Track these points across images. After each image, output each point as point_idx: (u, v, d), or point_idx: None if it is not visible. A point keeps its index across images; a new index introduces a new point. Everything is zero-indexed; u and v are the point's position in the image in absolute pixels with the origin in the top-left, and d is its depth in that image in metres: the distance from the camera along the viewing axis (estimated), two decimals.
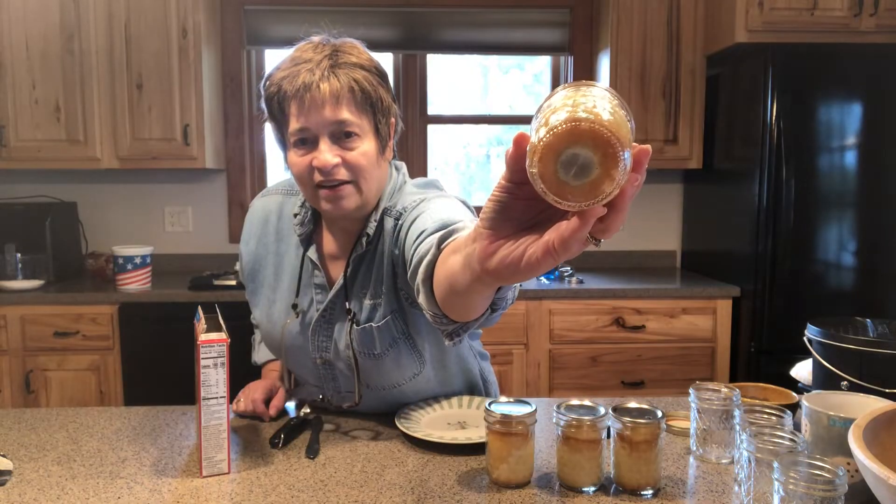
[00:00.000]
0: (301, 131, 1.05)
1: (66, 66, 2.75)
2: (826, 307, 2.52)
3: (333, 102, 1.03)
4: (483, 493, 0.97)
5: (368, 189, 1.09)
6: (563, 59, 3.29)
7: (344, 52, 1.08)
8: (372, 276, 1.15)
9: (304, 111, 1.04)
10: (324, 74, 1.03)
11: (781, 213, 2.49)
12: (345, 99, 1.04)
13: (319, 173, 1.05)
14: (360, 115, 1.06)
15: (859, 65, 2.47)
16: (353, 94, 1.05)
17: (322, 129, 1.04)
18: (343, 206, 1.08)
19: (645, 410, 0.99)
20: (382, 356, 1.17)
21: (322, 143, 1.05)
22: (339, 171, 1.05)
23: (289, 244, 1.23)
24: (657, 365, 2.70)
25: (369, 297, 1.15)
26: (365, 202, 1.10)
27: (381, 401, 1.26)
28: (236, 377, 1.16)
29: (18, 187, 3.11)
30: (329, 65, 1.05)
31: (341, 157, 1.05)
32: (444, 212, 0.99)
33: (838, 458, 0.91)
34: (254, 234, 1.28)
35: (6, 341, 2.57)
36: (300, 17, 3.10)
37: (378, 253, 1.15)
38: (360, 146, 1.06)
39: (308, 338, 1.21)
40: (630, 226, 3.33)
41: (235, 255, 3.18)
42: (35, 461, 1.08)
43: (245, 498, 0.95)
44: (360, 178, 1.07)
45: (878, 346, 1.12)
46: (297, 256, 1.22)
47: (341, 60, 1.06)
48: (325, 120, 1.04)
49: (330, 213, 1.11)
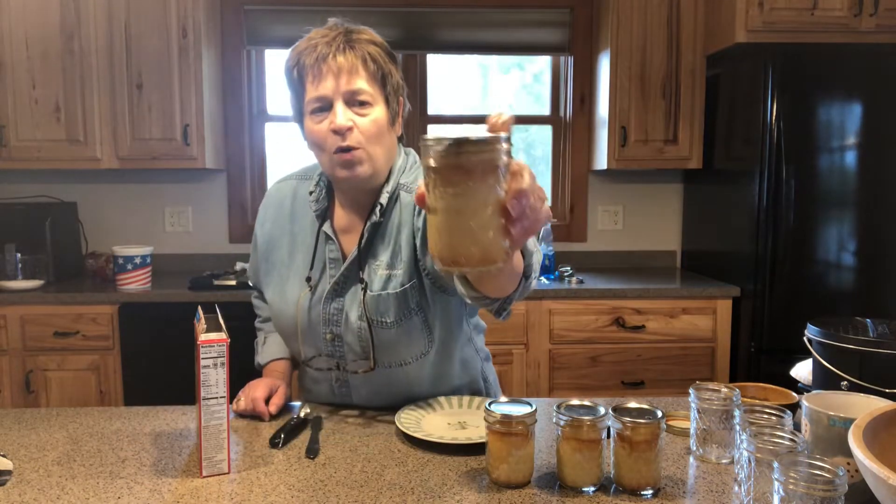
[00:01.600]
0: (318, 99, 1.13)
1: (66, 66, 2.75)
2: (826, 307, 2.52)
3: (348, 72, 1.12)
4: (483, 493, 0.97)
5: (378, 156, 1.16)
6: (563, 59, 3.29)
7: (357, 32, 1.18)
8: (388, 247, 1.20)
9: (322, 80, 1.12)
10: (339, 47, 1.13)
11: (781, 213, 2.49)
12: (359, 69, 1.13)
13: (334, 136, 1.12)
14: (373, 85, 1.15)
15: (859, 65, 2.47)
16: (367, 65, 1.14)
17: (337, 96, 1.12)
18: (357, 172, 1.14)
19: (645, 410, 0.99)
20: (395, 326, 1.20)
21: (337, 107, 1.12)
22: (352, 134, 1.12)
23: (303, 224, 1.28)
24: (657, 365, 2.70)
25: (385, 267, 1.20)
26: (375, 170, 1.17)
27: (384, 385, 1.27)
28: (236, 377, 1.16)
29: (18, 187, 3.11)
30: (344, 39, 1.14)
31: (354, 123, 1.12)
32: None
33: (838, 458, 0.91)
34: (269, 217, 1.34)
35: (6, 341, 2.57)
36: (300, 17, 3.10)
37: (394, 225, 1.20)
38: (371, 113, 1.14)
39: (320, 311, 1.24)
40: (630, 226, 3.33)
41: (235, 255, 3.18)
42: (35, 461, 1.08)
43: (245, 498, 0.95)
44: (371, 144, 1.14)
45: (878, 346, 1.12)
46: (311, 234, 1.27)
47: (355, 37, 1.16)
48: (341, 88, 1.12)
49: (344, 180, 1.16)
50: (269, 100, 3.26)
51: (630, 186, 3.30)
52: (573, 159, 3.27)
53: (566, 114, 3.30)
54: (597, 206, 3.30)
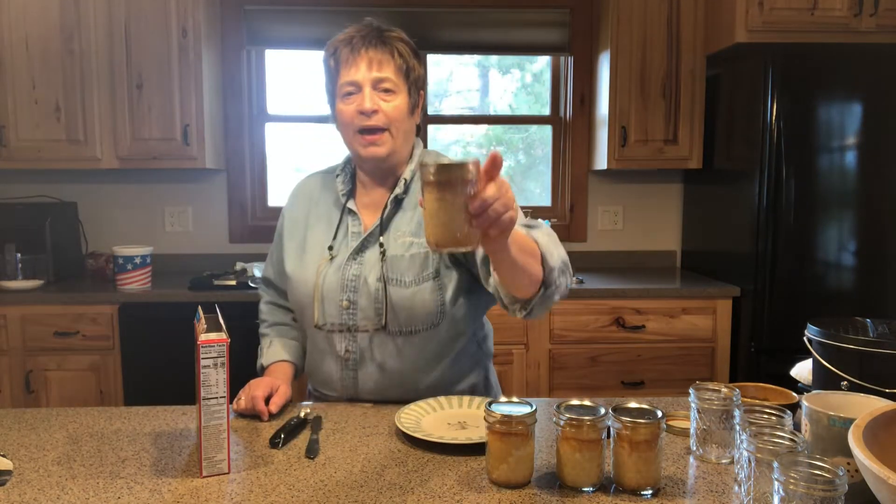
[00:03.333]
0: (350, 83, 1.28)
1: (66, 66, 2.75)
2: (826, 307, 2.52)
3: (378, 62, 1.28)
4: (483, 493, 0.97)
5: (398, 138, 1.31)
6: (563, 59, 3.29)
7: (389, 30, 1.33)
8: (411, 220, 1.33)
9: (355, 66, 1.28)
10: (372, 41, 1.29)
11: (781, 213, 2.49)
12: (387, 61, 1.29)
13: (361, 116, 1.27)
14: (398, 76, 1.30)
15: (859, 65, 2.47)
16: (394, 58, 1.29)
17: (366, 82, 1.28)
18: (378, 150, 1.30)
19: (645, 410, 0.99)
20: (411, 286, 1.29)
21: (366, 90, 1.28)
22: (377, 116, 1.28)
23: (327, 205, 1.42)
24: (657, 365, 2.70)
25: (408, 235, 1.32)
26: (394, 150, 1.31)
27: (390, 369, 1.31)
28: (236, 377, 1.16)
29: (18, 187, 3.11)
30: (377, 35, 1.30)
31: (379, 107, 1.27)
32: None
33: (838, 458, 0.91)
34: (296, 203, 1.46)
35: (6, 341, 2.57)
36: (300, 17, 3.10)
37: (416, 206, 1.33)
38: (394, 100, 1.29)
39: (339, 277, 1.32)
40: (630, 226, 3.33)
41: (235, 255, 3.18)
42: (35, 461, 1.08)
43: (245, 498, 0.95)
44: (393, 126, 1.29)
45: (878, 346, 1.12)
46: (335, 211, 1.40)
47: (387, 34, 1.31)
48: (370, 75, 1.28)
49: (367, 157, 1.31)
50: (269, 100, 3.26)
51: (630, 186, 3.30)
52: (573, 159, 3.27)
53: (566, 114, 3.30)
54: (597, 206, 3.30)
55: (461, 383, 1.39)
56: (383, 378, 1.33)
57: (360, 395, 1.36)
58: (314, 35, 3.11)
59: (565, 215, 3.32)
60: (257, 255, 3.16)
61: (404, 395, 1.33)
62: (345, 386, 1.36)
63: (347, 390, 1.36)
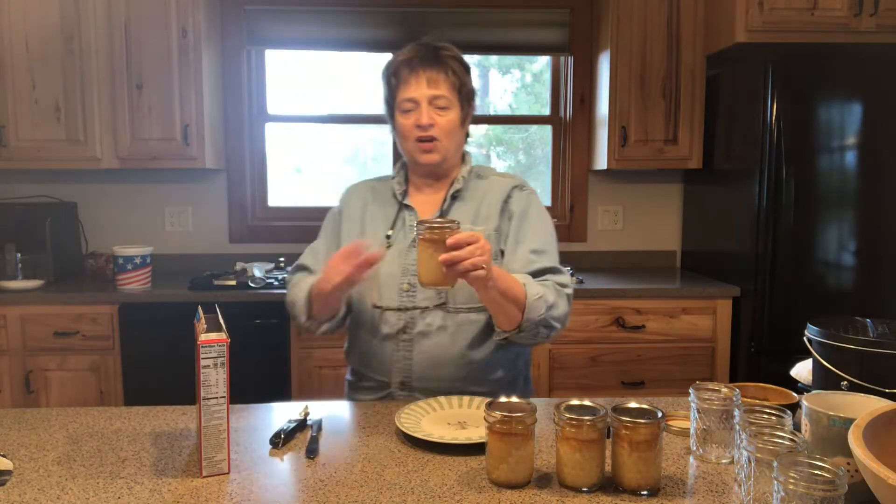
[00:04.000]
0: (409, 100, 1.44)
1: (66, 66, 2.75)
2: (826, 307, 2.51)
3: (434, 81, 1.44)
4: (483, 493, 0.97)
5: (449, 147, 1.47)
6: (563, 59, 3.29)
7: (444, 49, 1.48)
8: (469, 212, 1.48)
9: (414, 84, 1.44)
10: (430, 61, 1.44)
11: (781, 213, 2.49)
12: (442, 80, 1.44)
13: (418, 129, 1.43)
14: (451, 92, 1.45)
15: (859, 65, 2.47)
16: (448, 77, 1.45)
17: (423, 99, 1.43)
18: (433, 157, 1.46)
19: (645, 410, 0.99)
20: None
21: (423, 107, 1.43)
22: (432, 129, 1.43)
23: (382, 203, 1.55)
24: (657, 365, 2.70)
25: (466, 223, 1.42)
26: (446, 157, 1.48)
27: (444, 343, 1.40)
28: (236, 377, 1.16)
29: (18, 187, 3.11)
30: (434, 56, 1.45)
31: (434, 121, 1.43)
32: (538, 240, 1.46)
33: (838, 458, 0.91)
34: (352, 200, 1.58)
35: (6, 341, 2.57)
36: (300, 17, 3.10)
37: (478, 195, 1.50)
38: (448, 115, 1.45)
39: (400, 262, 1.45)
40: (630, 226, 3.33)
41: (235, 255, 3.18)
42: (35, 461, 1.08)
43: (245, 498, 0.95)
44: (446, 137, 1.45)
45: (878, 346, 1.12)
46: (390, 208, 1.53)
47: (444, 53, 1.47)
48: (427, 93, 1.43)
49: (424, 161, 1.47)
50: (269, 100, 3.26)
51: (630, 186, 3.30)
52: (573, 159, 3.27)
53: (566, 114, 3.30)
54: (597, 206, 3.30)
55: (502, 369, 1.47)
56: (437, 353, 1.41)
57: (412, 374, 1.42)
58: (314, 35, 3.11)
59: (565, 215, 3.32)
60: (257, 255, 3.16)
61: (455, 373, 1.40)
62: (398, 368, 1.42)
63: (401, 371, 1.42)
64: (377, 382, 1.47)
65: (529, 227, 1.47)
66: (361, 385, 1.51)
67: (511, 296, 1.28)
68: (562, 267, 1.45)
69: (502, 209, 1.50)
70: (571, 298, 1.43)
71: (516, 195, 1.51)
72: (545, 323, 1.34)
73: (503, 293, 1.27)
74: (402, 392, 1.44)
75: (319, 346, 2.62)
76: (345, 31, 3.10)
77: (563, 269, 1.45)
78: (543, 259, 1.43)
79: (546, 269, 1.42)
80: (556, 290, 1.38)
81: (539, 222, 1.49)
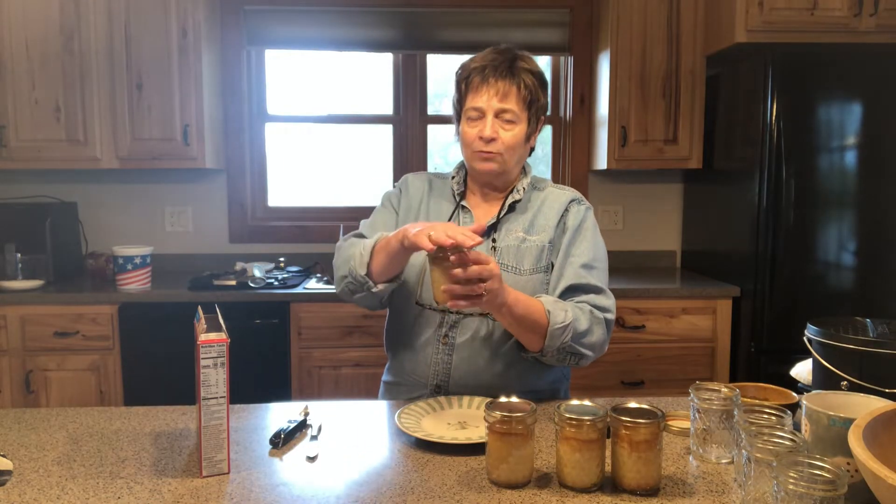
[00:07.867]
0: (475, 109, 1.39)
1: (66, 66, 2.75)
2: (826, 307, 2.51)
3: (504, 93, 1.37)
4: (483, 493, 0.97)
5: (510, 161, 1.42)
6: (563, 58, 3.29)
7: (521, 59, 1.41)
8: (524, 222, 1.45)
9: (482, 95, 1.38)
10: (503, 72, 1.37)
11: (781, 213, 2.49)
12: (513, 93, 1.38)
13: (480, 141, 1.38)
14: (520, 106, 1.39)
15: (859, 65, 2.47)
16: (520, 91, 1.38)
17: (490, 110, 1.37)
18: (491, 167, 1.40)
19: (645, 410, 0.99)
20: (529, 273, 1.40)
21: (488, 118, 1.37)
22: (494, 143, 1.38)
23: (438, 201, 1.52)
24: (657, 365, 2.70)
25: (520, 231, 1.43)
26: (505, 170, 1.43)
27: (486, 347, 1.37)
28: (236, 377, 1.16)
29: (18, 187, 3.11)
30: (508, 66, 1.38)
31: (498, 135, 1.38)
32: (589, 256, 1.41)
33: (838, 458, 0.91)
34: (410, 190, 1.54)
35: (6, 341, 2.57)
36: (300, 17, 3.10)
37: (534, 206, 1.47)
38: (513, 130, 1.39)
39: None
40: (630, 226, 3.33)
41: (235, 255, 3.18)
42: (35, 461, 1.08)
43: (245, 498, 0.95)
44: (507, 152, 1.40)
45: (878, 346, 1.12)
46: (447, 207, 1.50)
47: (518, 64, 1.39)
48: (495, 105, 1.37)
49: (482, 170, 1.42)
50: (269, 100, 3.26)
51: (630, 186, 3.30)
52: (573, 159, 3.27)
53: (566, 114, 3.30)
54: (597, 206, 3.30)
55: (540, 382, 1.44)
56: (477, 361, 1.38)
57: (450, 379, 1.39)
58: (314, 35, 3.11)
59: None
60: (257, 255, 3.16)
61: (492, 382, 1.37)
62: (435, 372, 1.39)
63: (437, 375, 1.39)
64: (413, 382, 1.43)
65: (583, 241, 1.43)
66: (394, 381, 1.48)
67: (529, 323, 1.26)
68: (607, 289, 1.40)
69: (559, 222, 1.46)
70: (612, 324, 1.37)
71: (574, 209, 1.48)
72: (571, 350, 1.31)
73: (519, 319, 1.25)
74: (437, 395, 1.40)
75: (319, 346, 2.63)
76: (345, 31, 3.10)
77: (608, 290, 1.40)
78: (592, 276, 1.38)
79: (590, 288, 1.37)
80: (591, 316, 1.33)
81: (594, 238, 1.45)
